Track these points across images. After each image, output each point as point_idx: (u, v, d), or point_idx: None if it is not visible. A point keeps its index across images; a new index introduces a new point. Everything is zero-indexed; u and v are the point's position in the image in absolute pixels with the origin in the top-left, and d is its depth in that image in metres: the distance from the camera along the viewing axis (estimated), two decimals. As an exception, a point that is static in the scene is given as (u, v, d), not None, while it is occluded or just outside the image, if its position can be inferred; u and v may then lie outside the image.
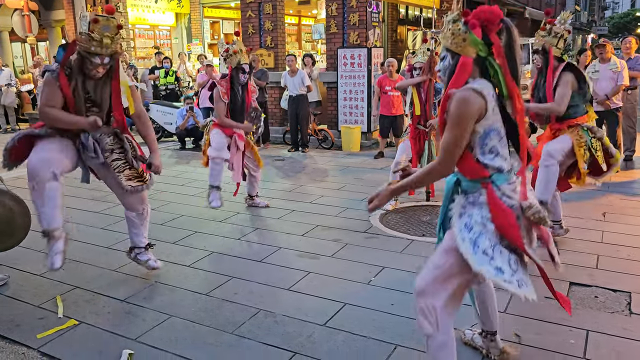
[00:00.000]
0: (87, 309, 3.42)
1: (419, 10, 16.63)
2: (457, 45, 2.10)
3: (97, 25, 3.26)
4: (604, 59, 7.08)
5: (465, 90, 2.05)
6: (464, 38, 2.08)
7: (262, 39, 10.51)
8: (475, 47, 2.07)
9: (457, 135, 2.06)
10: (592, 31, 42.90)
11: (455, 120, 2.05)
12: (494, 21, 2.04)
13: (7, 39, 16.15)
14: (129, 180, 3.64)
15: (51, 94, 3.36)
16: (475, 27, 2.05)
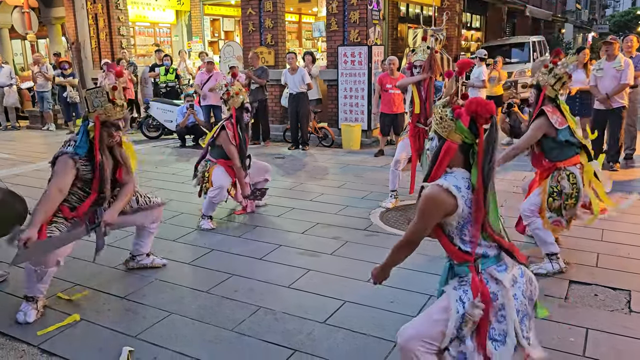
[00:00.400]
0: (87, 306, 3.42)
1: (419, 8, 16.61)
2: (443, 129, 2.13)
3: (116, 92, 3.33)
4: (610, 56, 6.99)
5: (434, 187, 2.08)
6: (450, 125, 2.10)
7: (263, 36, 10.50)
8: (461, 135, 2.10)
9: (420, 228, 2.15)
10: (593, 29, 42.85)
11: (420, 215, 2.13)
12: (485, 115, 2.04)
13: (7, 36, 16.15)
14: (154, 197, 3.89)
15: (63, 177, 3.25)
16: (461, 117, 2.08)
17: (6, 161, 8.37)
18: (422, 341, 2.13)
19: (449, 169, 2.14)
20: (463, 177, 2.10)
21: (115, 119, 3.34)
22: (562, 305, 3.34)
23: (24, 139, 10.92)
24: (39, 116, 12.53)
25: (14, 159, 8.53)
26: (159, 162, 8.24)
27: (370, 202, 5.78)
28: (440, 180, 2.09)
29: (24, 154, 9.02)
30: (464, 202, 2.06)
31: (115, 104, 3.32)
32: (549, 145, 3.85)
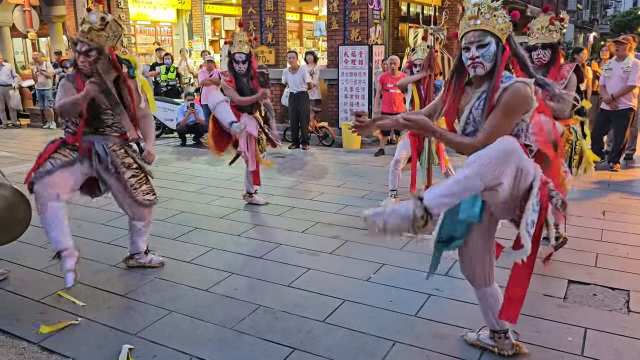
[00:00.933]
0: (87, 304, 3.43)
1: (420, 8, 16.60)
2: (503, 31, 2.24)
3: (86, 14, 3.41)
4: (620, 56, 6.93)
5: (519, 84, 2.18)
6: (509, 25, 2.22)
7: (263, 35, 10.51)
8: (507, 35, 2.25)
9: (506, 124, 2.22)
10: (594, 30, 42.81)
11: (508, 112, 2.20)
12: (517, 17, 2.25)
13: (8, 34, 16.15)
14: (146, 195, 3.79)
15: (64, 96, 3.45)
16: (516, 17, 2.22)
17: (7, 159, 8.38)
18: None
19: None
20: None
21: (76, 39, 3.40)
22: (561, 305, 3.34)
23: (25, 137, 10.93)
24: (39, 114, 12.54)
25: (15, 157, 8.55)
26: (160, 160, 8.24)
27: (370, 201, 5.78)
28: (523, 78, 2.21)
29: (25, 152, 9.02)
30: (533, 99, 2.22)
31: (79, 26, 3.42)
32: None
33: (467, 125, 2.37)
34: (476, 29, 2.27)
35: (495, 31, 2.24)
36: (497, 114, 2.20)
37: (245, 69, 5.23)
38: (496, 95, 2.23)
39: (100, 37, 3.39)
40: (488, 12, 2.24)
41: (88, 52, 3.39)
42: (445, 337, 2.98)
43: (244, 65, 5.21)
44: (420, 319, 3.18)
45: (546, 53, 3.86)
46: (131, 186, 3.68)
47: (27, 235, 4.56)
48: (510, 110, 2.19)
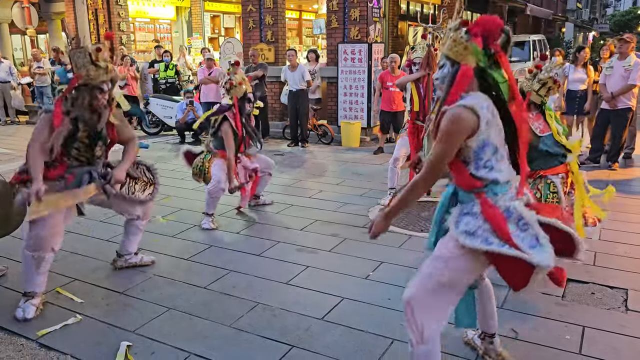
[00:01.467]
0: (85, 301, 3.43)
1: (420, 6, 16.60)
2: (457, 53, 2.09)
3: (101, 54, 3.25)
4: (622, 54, 6.89)
5: (458, 108, 2.04)
6: (466, 46, 2.07)
7: (263, 33, 10.49)
8: (475, 57, 2.07)
9: (444, 152, 2.07)
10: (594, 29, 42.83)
11: (445, 137, 2.06)
12: (495, 31, 2.04)
13: (7, 31, 16.11)
14: (144, 192, 3.74)
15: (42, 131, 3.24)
16: (477, 37, 2.05)
17: (6, 156, 8.37)
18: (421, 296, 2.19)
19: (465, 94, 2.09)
20: (479, 98, 2.07)
21: (98, 82, 3.24)
22: (559, 303, 3.35)
23: (23, 134, 10.90)
24: (38, 112, 12.52)
25: (13, 154, 8.53)
26: (158, 158, 8.25)
27: (368, 199, 5.78)
28: (462, 101, 2.05)
29: (23, 149, 8.98)
30: (485, 121, 2.04)
31: (98, 66, 3.21)
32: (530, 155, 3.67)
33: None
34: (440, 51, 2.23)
35: (449, 53, 2.12)
36: (436, 141, 2.10)
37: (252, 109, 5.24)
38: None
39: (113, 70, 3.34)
40: (446, 35, 2.16)
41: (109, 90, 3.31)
42: (444, 335, 2.95)
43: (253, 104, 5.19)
44: (419, 316, 3.18)
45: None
46: (131, 194, 3.67)
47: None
48: (446, 136, 2.05)
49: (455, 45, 2.09)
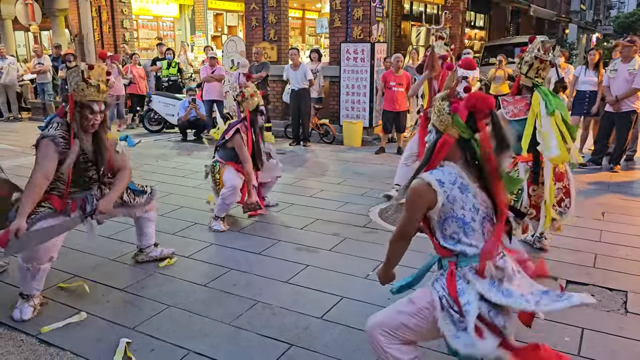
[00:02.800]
0: (85, 298, 3.44)
1: (423, 6, 16.58)
2: (440, 123, 2.15)
3: (93, 72, 3.21)
4: (626, 57, 6.89)
5: (418, 180, 2.12)
6: (447, 119, 2.12)
7: (266, 32, 10.50)
8: (457, 129, 2.11)
9: (406, 220, 2.20)
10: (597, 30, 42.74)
11: (406, 206, 2.19)
12: (484, 109, 2.05)
13: (11, 27, 16.14)
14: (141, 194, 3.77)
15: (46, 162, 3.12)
16: (457, 111, 2.08)
17: (8, 152, 8.39)
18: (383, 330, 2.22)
19: (443, 162, 2.14)
20: (451, 172, 2.11)
21: (88, 100, 3.16)
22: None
23: (26, 130, 10.93)
24: (41, 108, 12.55)
25: (16, 150, 8.55)
26: (160, 155, 8.26)
27: (369, 199, 5.79)
28: (424, 174, 2.12)
29: (26, 145, 9.01)
30: (445, 197, 2.07)
31: (89, 84, 3.17)
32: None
33: None
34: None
35: (434, 122, 2.19)
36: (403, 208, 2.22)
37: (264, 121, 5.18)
38: None
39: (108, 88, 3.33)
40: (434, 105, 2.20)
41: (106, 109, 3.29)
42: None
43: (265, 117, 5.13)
44: (418, 316, 3.19)
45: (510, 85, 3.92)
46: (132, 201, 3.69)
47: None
48: (407, 204, 2.17)
49: (439, 115, 2.15)
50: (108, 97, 3.34)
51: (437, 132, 2.18)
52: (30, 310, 3.22)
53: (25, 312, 3.20)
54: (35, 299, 3.29)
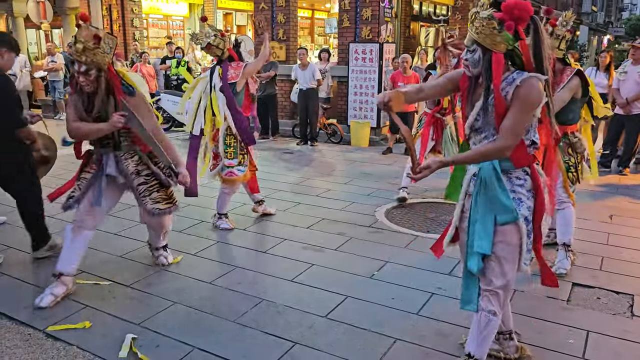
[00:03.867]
0: (92, 294, 3.47)
1: (432, 7, 16.53)
2: (491, 42, 2.19)
3: (78, 30, 3.22)
4: (636, 60, 6.86)
5: (533, 79, 2.17)
6: (499, 37, 2.17)
7: (275, 31, 10.52)
8: (506, 44, 2.19)
9: (525, 120, 2.22)
10: (609, 32, 42.39)
11: (528, 106, 2.19)
12: (525, 18, 2.14)
13: (22, 25, 16.28)
14: (156, 203, 3.58)
15: (71, 111, 3.39)
16: (510, 29, 2.13)
17: (18, 149, 8.46)
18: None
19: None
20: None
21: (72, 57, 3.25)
22: (564, 307, 3.34)
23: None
24: (51, 105, 12.66)
25: (25, 147, 8.62)
26: (168, 153, 8.29)
27: (376, 199, 5.79)
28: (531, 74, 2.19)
29: (35, 142, 9.09)
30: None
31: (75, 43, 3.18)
32: (570, 107, 3.68)
33: (475, 121, 2.36)
34: (469, 33, 2.29)
35: (481, 41, 2.20)
36: (515, 111, 2.19)
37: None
38: (504, 94, 2.21)
39: (97, 55, 3.22)
40: (477, 22, 2.21)
41: (87, 71, 3.24)
42: (447, 335, 2.98)
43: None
44: (422, 317, 3.19)
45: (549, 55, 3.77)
46: (140, 193, 3.54)
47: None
48: (529, 105, 2.19)
49: (488, 35, 2.18)
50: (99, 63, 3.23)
51: (483, 51, 2.22)
52: (50, 299, 3.29)
53: (45, 300, 3.28)
54: (61, 286, 3.37)
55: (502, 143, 2.23)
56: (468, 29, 2.29)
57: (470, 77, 2.36)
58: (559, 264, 3.80)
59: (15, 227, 4.63)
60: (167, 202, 3.65)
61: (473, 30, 2.23)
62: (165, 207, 3.63)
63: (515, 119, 2.20)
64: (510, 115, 2.20)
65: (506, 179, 2.33)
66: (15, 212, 4.06)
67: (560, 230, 3.88)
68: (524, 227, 2.31)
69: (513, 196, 2.31)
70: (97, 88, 3.29)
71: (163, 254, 4.00)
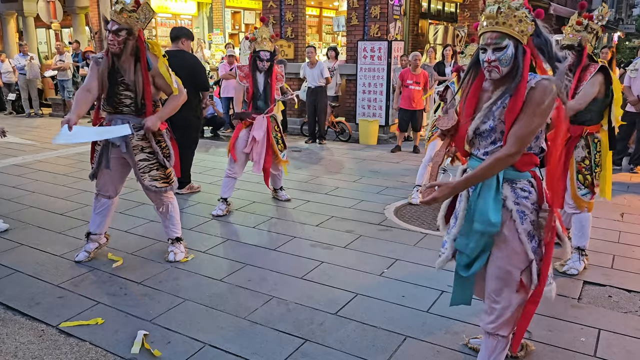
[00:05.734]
0: (104, 290, 3.50)
1: (441, 4, 16.45)
2: (521, 31, 2.11)
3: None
4: None
5: (546, 82, 2.07)
6: (530, 25, 2.11)
7: (283, 29, 10.53)
8: (528, 36, 2.13)
9: (539, 124, 2.11)
10: (619, 29, 41.98)
11: (542, 110, 2.07)
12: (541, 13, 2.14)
13: (32, 24, 16.41)
14: (154, 181, 3.80)
15: (88, 78, 3.66)
16: (540, 15, 2.10)
17: (30, 147, 8.55)
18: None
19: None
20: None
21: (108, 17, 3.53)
22: (575, 305, 3.32)
23: (47, 126, 11.12)
24: (61, 104, 12.75)
25: (37, 146, 8.71)
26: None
27: (385, 197, 5.79)
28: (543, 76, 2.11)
29: (47, 140, 9.19)
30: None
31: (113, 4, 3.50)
32: (590, 106, 3.57)
33: (482, 124, 2.22)
34: (494, 30, 2.12)
35: (514, 33, 2.09)
36: (529, 115, 2.07)
37: (268, 67, 5.14)
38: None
39: (132, 19, 3.49)
40: (507, 12, 2.09)
41: (118, 31, 3.47)
42: (457, 333, 2.98)
43: (268, 63, 5.11)
44: (432, 314, 3.19)
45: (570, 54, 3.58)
46: (139, 169, 3.75)
47: (47, 222, 4.68)
48: (542, 109, 2.06)
49: (522, 24, 2.11)
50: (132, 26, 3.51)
51: (515, 44, 2.12)
52: (84, 255, 3.94)
53: (80, 256, 3.94)
54: (92, 243, 3.98)
55: (508, 150, 2.10)
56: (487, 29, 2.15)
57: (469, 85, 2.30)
58: (571, 264, 3.78)
59: (28, 225, 4.68)
60: (164, 181, 3.85)
61: (499, 23, 2.10)
62: (161, 186, 3.84)
63: (526, 123, 2.07)
64: (521, 119, 2.08)
65: (510, 189, 2.22)
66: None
67: (576, 234, 3.83)
68: (527, 244, 2.19)
69: (517, 208, 2.20)
70: (123, 51, 3.53)
71: (173, 249, 4.02)
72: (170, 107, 3.79)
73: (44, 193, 5.77)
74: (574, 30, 3.59)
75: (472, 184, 2.23)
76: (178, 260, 3.97)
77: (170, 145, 3.87)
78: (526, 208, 2.20)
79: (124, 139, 3.68)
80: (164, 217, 4.02)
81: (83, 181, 6.21)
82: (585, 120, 3.66)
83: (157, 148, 3.77)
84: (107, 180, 3.87)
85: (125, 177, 3.99)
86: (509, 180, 2.22)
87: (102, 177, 3.86)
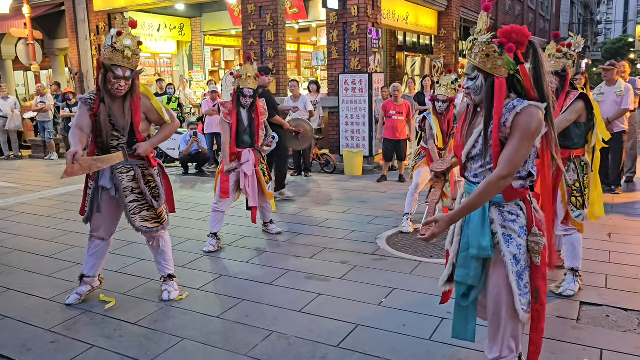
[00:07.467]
0: (98, 333, 3.41)
1: (416, 37, 16.90)
2: (492, 66, 2.18)
3: (120, 37, 3.42)
4: (609, 81, 7.08)
5: (532, 108, 2.13)
6: (500, 60, 2.16)
7: (264, 65, 10.66)
8: (507, 68, 2.17)
9: (525, 148, 2.14)
10: (586, 56, 43.54)
11: (528, 135, 2.12)
12: (524, 42, 2.15)
13: (11, 67, 16.35)
14: (144, 222, 3.77)
15: (79, 117, 3.59)
16: (511, 51, 2.14)
17: (11, 190, 8.39)
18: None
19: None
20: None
21: (112, 64, 3.39)
22: (575, 326, 3.34)
23: (27, 168, 10.96)
24: (41, 145, 12.61)
25: (18, 188, 8.55)
26: (163, 189, 8.26)
27: (376, 227, 5.80)
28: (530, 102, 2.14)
29: (28, 182, 9.04)
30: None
31: (115, 49, 3.39)
32: (574, 131, 3.71)
33: (473, 148, 2.29)
34: (469, 60, 2.27)
35: (485, 68, 2.19)
36: (515, 141, 2.12)
37: (250, 103, 5.20)
38: (503, 121, 2.16)
39: (139, 60, 3.53)
40: (477, 47, 2.20)
41: (131, 77, 3.48)
42: (461, 360, 2.96)
43: (250, 99, 5.17)
44: (435, 342, 3.17)
45: (554, 80, 3.69)
46: (130, 211, 3.71)
47: (35, 265, 4.57)
48: (529, 134, 2.11)
49: (489, 59, 2.17)
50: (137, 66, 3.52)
51: (485, 76, 2.20)
52: (75, 298, 3.85)
53: (71, 298, 3.84)
54: (85, 286, 3.90)
55: (499, 173, 2.13)
56: (466, 57, 2.29)
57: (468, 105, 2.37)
58: (567, 285, 3.81)
59: (13, 269, 4.56)
60: (155, 222, 3.81)
61: (472, 56, 2.22)
62: (152, 226, 3.80)
63: (514, 148, 2.12)
64: (509, 144, 2.14)
65: (498, 212, 2.25)
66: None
67: (568, 256, 3.88)
68: (510, 266, 2.20)
69: (503, 232, 2.22)
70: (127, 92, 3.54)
71: (167, 287, 3.94)
72: (163, 135, 3.83)
73: (28, 236, 5.64)
74: (555, 57, 3.73)
75: (468, 212, 2.24)
76: (172, 298, 3.88)
77: (160, 184, 3.85)
78: (513, 232, 2.22)
79: (114, 181, 3.68)
80: (155, 252, 3.96)
81: (68, 222, 6.10)
82: (571, 145, 3.76)
83: (146, 189, 3.74)
84: (100, 223, 3.84)
85: (118, 218, 3.94)
86: (496, 204, 2.25)
87: (95, 220, 3.83)
